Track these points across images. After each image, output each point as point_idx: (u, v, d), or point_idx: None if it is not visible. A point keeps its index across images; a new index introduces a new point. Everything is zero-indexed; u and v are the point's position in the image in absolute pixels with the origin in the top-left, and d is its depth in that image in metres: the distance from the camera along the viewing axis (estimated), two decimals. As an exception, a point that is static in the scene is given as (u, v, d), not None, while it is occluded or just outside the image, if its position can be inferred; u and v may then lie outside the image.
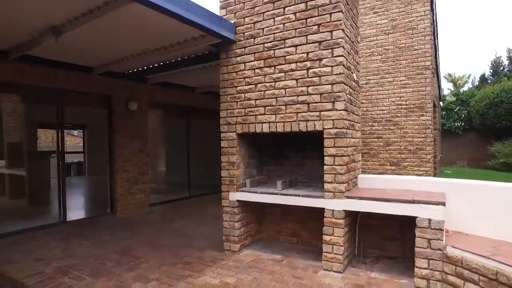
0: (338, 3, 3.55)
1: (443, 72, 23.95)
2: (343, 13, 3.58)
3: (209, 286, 3.22)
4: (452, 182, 3.75)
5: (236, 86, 4.18)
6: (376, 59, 8.20)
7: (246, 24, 4.12)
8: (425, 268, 3.13)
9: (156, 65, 5.76)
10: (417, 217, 3.17)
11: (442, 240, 3.09)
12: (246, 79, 4.11)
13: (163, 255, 4.16)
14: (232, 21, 4.20)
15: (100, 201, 6.95)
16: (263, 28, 3.99)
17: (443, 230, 3.09)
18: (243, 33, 4.14)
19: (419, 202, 3.21)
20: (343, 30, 3.57)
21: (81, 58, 5.44)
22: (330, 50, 3.58)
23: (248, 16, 4.11)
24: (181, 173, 8.49)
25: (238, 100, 4.16)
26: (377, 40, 8.20)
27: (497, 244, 3.11)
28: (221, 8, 4.34)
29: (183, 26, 3.73)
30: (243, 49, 4.13)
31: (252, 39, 4.06)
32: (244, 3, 4.15)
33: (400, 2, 7.91)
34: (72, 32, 3.90)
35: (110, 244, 4.70)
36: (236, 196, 4.18)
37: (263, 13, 4.00)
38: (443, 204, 3.14)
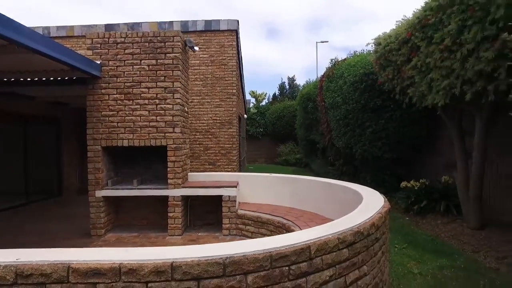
0: (177, 64, 5.60)
1: (248, 90, 30.00)
2: (180, 71, 5.66)
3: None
4: (241, 175, 6.48)
5: (101, 111, 5.58)
6: (199, 84, 10.70)
7: (111, 66, 5.59)
8: (227, 223, 5.61)
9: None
10: (223, 195, 5.62)
11: (235, 207, 5.65)
12: (109, 107, 5.58)
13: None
14: (98, 62, 5.56)
15: None
16: (124, 71, 5.58)
17: (236, 201, 5.65)
18: (108, 72, 5.58)
19: (224, 186, 5.67)
20: (180, 82, 5.65)
21: None
22: (172, 94, 5.59)
23: (112, 61, 5.59)
24: (15, 179, 8.45)
25: (103, 122, 5.58)
26: (200, 69, 10.70)
27: (260, 205, 5.95)
28: (88, 49, 5.61)
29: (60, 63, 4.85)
30: (107, 84, 5.58)
31: (115, 78, 5.58)
32: (108, 49, 5.60)
33: (217, 44, 10.67)
34: None
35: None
36: (101, 193, 5.58)
37: (124, 60, 5.59)
38: (236, 187, 5.72)
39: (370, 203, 3.44)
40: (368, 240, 2.67)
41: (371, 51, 8.45)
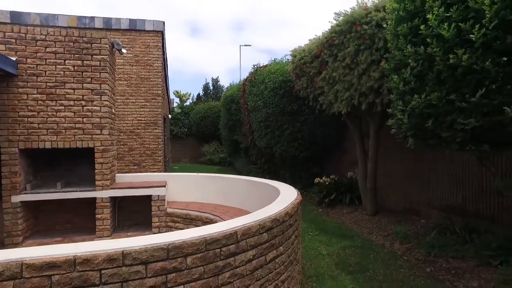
0: (105, 67, 5.64)
1: (172, 88, 29.56)
2: (108, 73, 5.71)
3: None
4: (170, 175, 6.75)
5: (18, 112, 5.32)
6: (123, 84, 10.48)
7: (29, 64, 5.35)
8: (156, 222, 5.85)
9: None
10: (152, 195, 5.84)
11: (165, 205, 5.92)
12: (29, 107, 5.36)
13: None
14: (14, 58, 5.29)
15: None
16: (45, 71, 5.41)
17: (165, 200, 5.92)
18: (26, 70, 5.34)
19: (153, 186, 5.90)
20: (108, 84, 5.70)
21: None
22: (99, 96, 5.60)
23: (31, 58, 5.36)
24: None
25: (21, 122, 5.33)
26: (124, 68, 10.48)
27: (188, 203, 6.31)
28: (1, 43, 5.28)
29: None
30: (25, 83, 5.34)
31: (35, 77, 5.37)
32: (26, 46, 5.35)
33: (142, 44, 10.57)
34: None
35: None
36: (18, 198, 5.32)
37: (46, 59, 5.41)
38: (165, 186, 5.99)
39: (286, 196, 4.11)
40: (283, 226, 3.30)
41: (289, 60, 9.41)
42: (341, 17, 6.30)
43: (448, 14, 3.41)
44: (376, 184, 7.50)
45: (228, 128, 16.29)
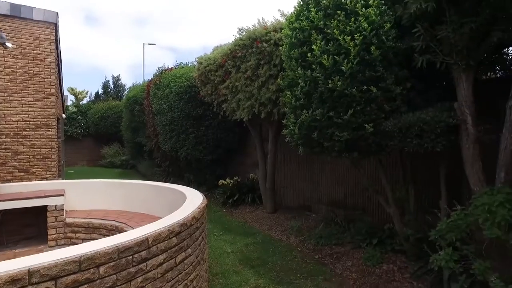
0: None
1: (67, 86, 26.57)
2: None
3: None
4: (68, 182, 6.37)
5: None
6: (4, 78, 9.22)
7: None
8: (54, 234, 5.49)
9: None
10: (48, 205, 5.46)
11: (63, 216, 5.59)
12: None
13: None
14: None
15: None
16: None
17: (63, 210, 5.59)
18: None
19: (49, 196, 5.51)
20: (-8, 84, 5.11)
21: None
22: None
23: None
24: None
25: None
26: (5, 61, 9.23)
27: (90, 212, 6.07)
28: None
29: None
30: None
31: None
32: None
33: (30, 35, 9.46)
34: None
35: None
36: None
37: None
38: (63, 195, 5.65)
39: (192, 201, 4.41)
40: (191, 229, 3.60)
41: (195, 66, 9.65)
42: (244, 33, 6.86)
43: (327, 47, 4.19)
44: (275, 184, 8.32)
45: (130, 130, 15.63)
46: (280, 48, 5.45)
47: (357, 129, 4.20)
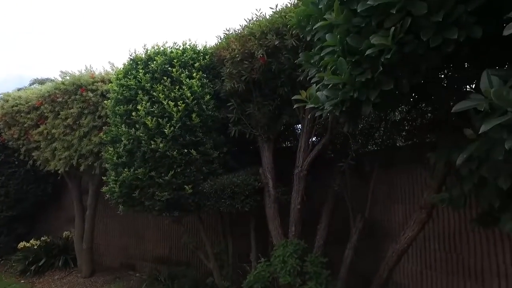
0: None
1: None
2: None
3: None
4: None
5: None
6: None
7: None
8: None
9: None
10: None
11: None
12: None
13: None
14: None
15: None
16: None
17: None
18: None
19: None
20: None
21: None
22: None
23: None
24: None
25: None
26: None
27: None
28: None
29: None
30: None
31: None
32: None
33: None
34: None
35: None
36: None
37: None
38: None
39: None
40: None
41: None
42: (68, 77, 6.29)
43: (152, 109, 4.34)
44: (94, 243, 7.45)
45: None
46: (106, 102, 5.25)
47: (178, 189, 4.38)
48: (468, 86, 2.79)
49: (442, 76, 2.90)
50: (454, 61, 2.50)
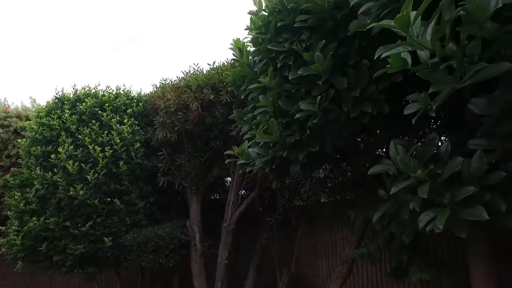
0: None
1: None
2: None
3: None
4: None
5: None
6: None
7: None
8: None
9: None
10: None
11: None
12: None
13: None
14: None
15: None
16: None
17: None
18: None
19: None
20: None
21: None
22: None
23: None
24: None
25: None
26: None
27: None
28: None
29: None
30: None
31: None
32: None
33: None
34: None
35: None
36: None
37: None
38: None
39: None
40: None
41: None
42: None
43: (75, 153, 4.02)
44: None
45: None
46: (19, 140, 4.74)
47: (96, 242, 3.96)
48: (379, 150, 3.17)
49: (359, 139, 3.26)
50: (368, 129, 2.86)
